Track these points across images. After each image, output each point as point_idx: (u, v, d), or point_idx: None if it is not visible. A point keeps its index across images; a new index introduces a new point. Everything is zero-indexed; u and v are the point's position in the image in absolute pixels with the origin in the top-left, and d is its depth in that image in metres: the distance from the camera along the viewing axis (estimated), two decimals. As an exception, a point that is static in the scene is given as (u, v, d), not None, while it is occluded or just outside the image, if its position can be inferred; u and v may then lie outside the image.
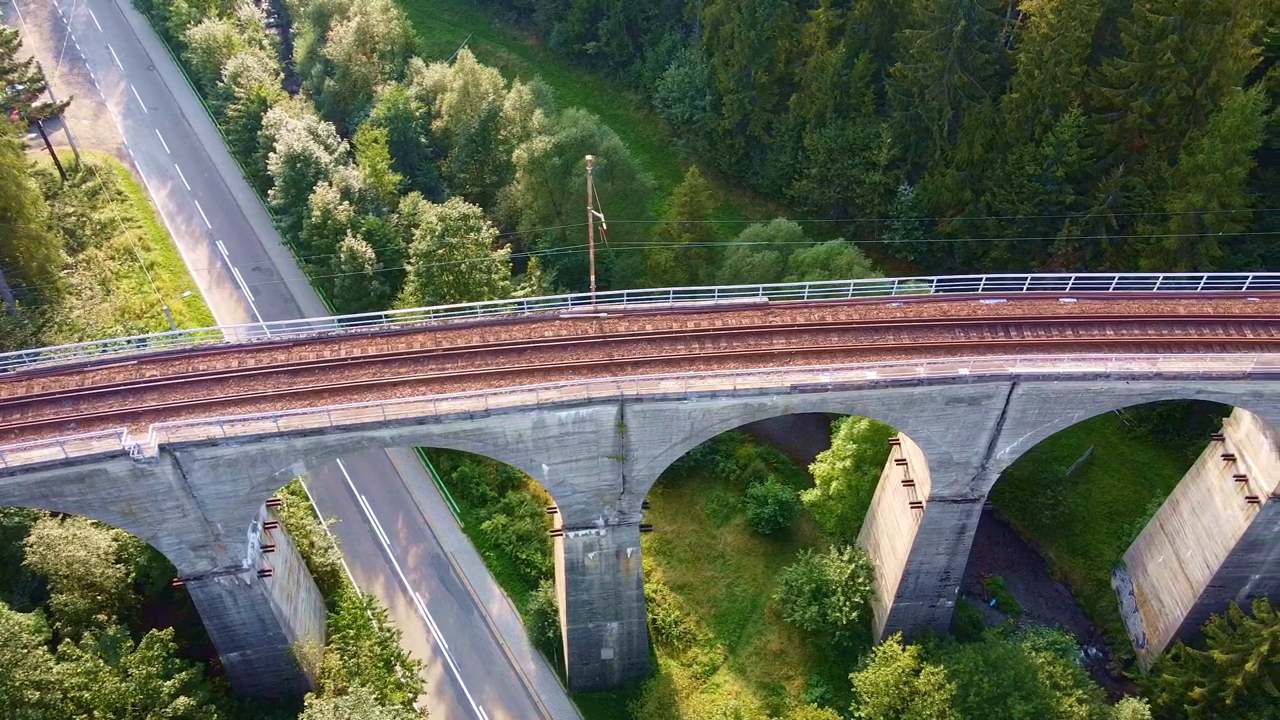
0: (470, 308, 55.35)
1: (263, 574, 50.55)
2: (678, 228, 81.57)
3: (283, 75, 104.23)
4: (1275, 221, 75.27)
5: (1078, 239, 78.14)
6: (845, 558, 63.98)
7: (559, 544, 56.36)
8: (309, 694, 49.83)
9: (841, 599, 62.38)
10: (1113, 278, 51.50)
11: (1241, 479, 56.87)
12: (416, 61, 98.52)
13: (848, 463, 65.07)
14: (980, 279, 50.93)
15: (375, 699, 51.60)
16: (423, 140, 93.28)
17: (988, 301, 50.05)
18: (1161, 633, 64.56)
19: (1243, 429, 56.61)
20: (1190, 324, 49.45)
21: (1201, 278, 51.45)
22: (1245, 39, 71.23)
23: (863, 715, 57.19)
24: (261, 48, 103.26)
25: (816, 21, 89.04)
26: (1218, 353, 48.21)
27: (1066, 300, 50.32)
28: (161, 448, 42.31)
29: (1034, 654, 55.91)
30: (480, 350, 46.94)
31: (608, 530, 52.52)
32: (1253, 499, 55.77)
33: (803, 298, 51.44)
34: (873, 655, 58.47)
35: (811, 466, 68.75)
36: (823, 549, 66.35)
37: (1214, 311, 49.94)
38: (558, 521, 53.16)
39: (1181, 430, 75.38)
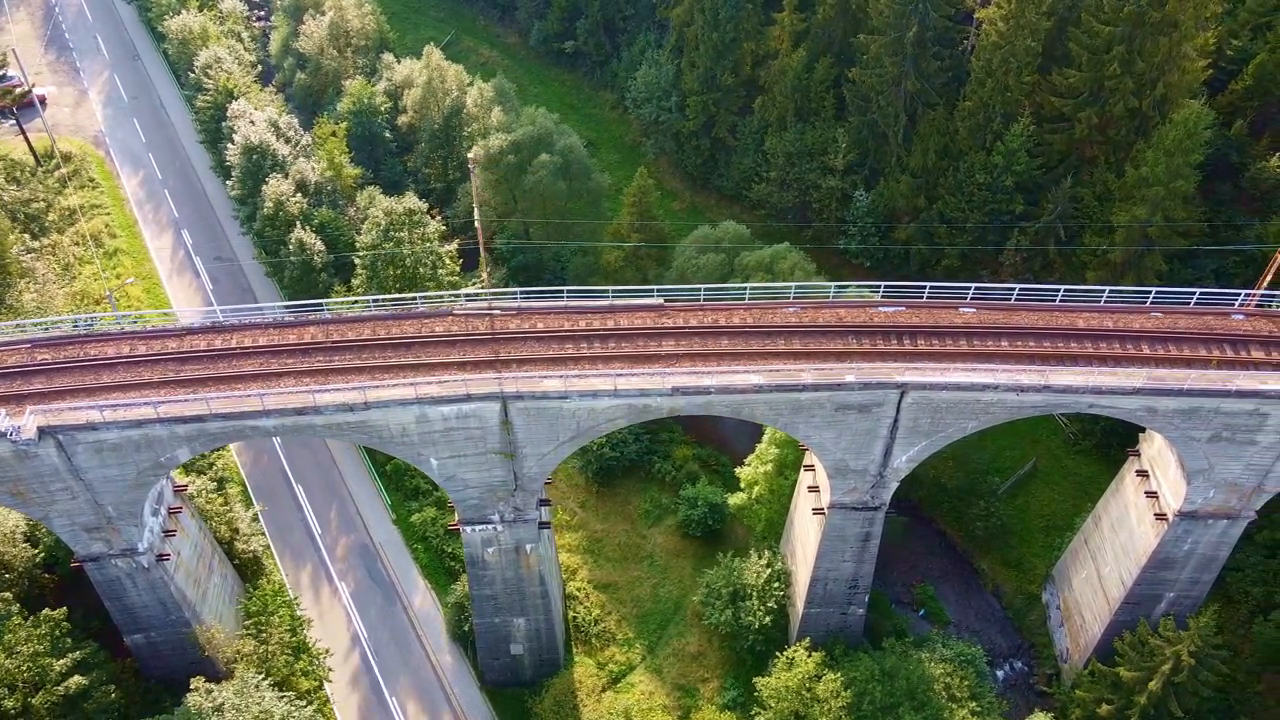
0: (379, 300, 55.80)
1: (161, 558, 51.30)
2: (627, 228, 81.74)
3: (260, 68, 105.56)
4: (1229, 236, 74.37)
5: (1026, 249, 77.56)
6: (763, 562, 63.93)
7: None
8: (196, 677, 50.49)
9: (756, 604, 62.36)
10: (1014, 288, 51.18)
11: (1153, 495, 56.40)
12: (388, 57, 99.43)
13: (769, 467, 65.07)
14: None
15: (272, 685, 52.32)
16: (387, 135, 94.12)
17: (885, 309, 49.89)
18: (1082, 648, 64.03)
19: (1155, 445, 56.10)
20: (1087, 337, 49.05)
21: (1104, 291, 51.03)
22: (1193, 51, 70.57)
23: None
24: (240, 40, 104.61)
25: (781, 25, 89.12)
26: (1112, 367, 47.79)
27: (965, 310, 50.05)
28: (42, 430, 43.13)
29: (933, 664, 55.62)
30: (369, 344, 47.47)
31: (505, 526, 52.88)
32: (1161, 516, 55.27)
33: (698, 299, 51.28)
34: (774, 661, 58.37)
35: (738, 470, 68.76)
36: (745, 553, 66.30)
37: (1113, 325, 49.50)
38: (457, 516, 53.60)
39: (1126, 445, 74.48)
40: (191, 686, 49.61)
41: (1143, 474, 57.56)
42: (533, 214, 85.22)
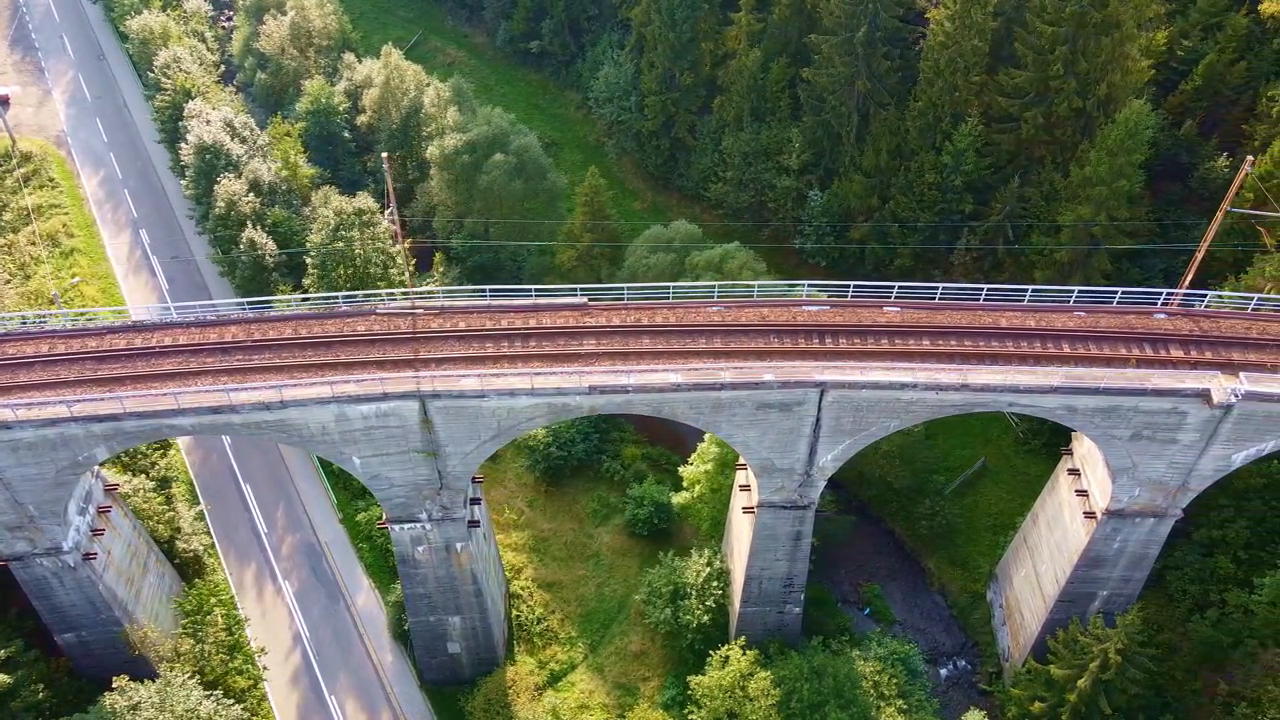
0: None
1: (88, 557, 51.36)
2: (580, 228, 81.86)
3: (224, 68, 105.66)
4: (1179, 236, 74.54)
5: (976, 248, 77.78)
6: (704, 561, 64.04)
7: (397, 537, 56.86)
8: (119, 676, 50.55)
9: (695, 603, 62.47)
10: (937, 288, 51.32)
11: (1083, 494, 56.59)
12: (349, 56, 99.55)
13: (710, 465, 65.24)
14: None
15: (203, 683, 52.40)
16: (346, 135, 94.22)
17: (808, 308, 50.01)
18: (1022, 646, 64.21)
19: (1085, 444, 56.26)
20: (1009, 336, 49.15)
21: (1027, 290, 51.17)
22: (1136, 52, 70.79)
23: (694, 718, 57.26)
24: (203, 40, 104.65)
25: (738, 25, 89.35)
26: (1032, 365, 47.92)
27: (889, 309, 50.16)
28: (-46, 429, 43.26)
29: (863, 662, 55.78)
30: (290, 343, 47.55)
31: (434, 525, 52.98)
32: (1090, 515, 55.44)
33: (622, 298, 51.36)
34: (709, 660, 58.50)
35: (682, 469, 68.89)
36: (688, 552, 66.36)
37: (1036, 324, 49.60)
38: (385, 514, 53.69)
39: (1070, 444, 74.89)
40: (113, 685, 49.64)
41: (1074, 472, 57.78)
42: (488, 213, 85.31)
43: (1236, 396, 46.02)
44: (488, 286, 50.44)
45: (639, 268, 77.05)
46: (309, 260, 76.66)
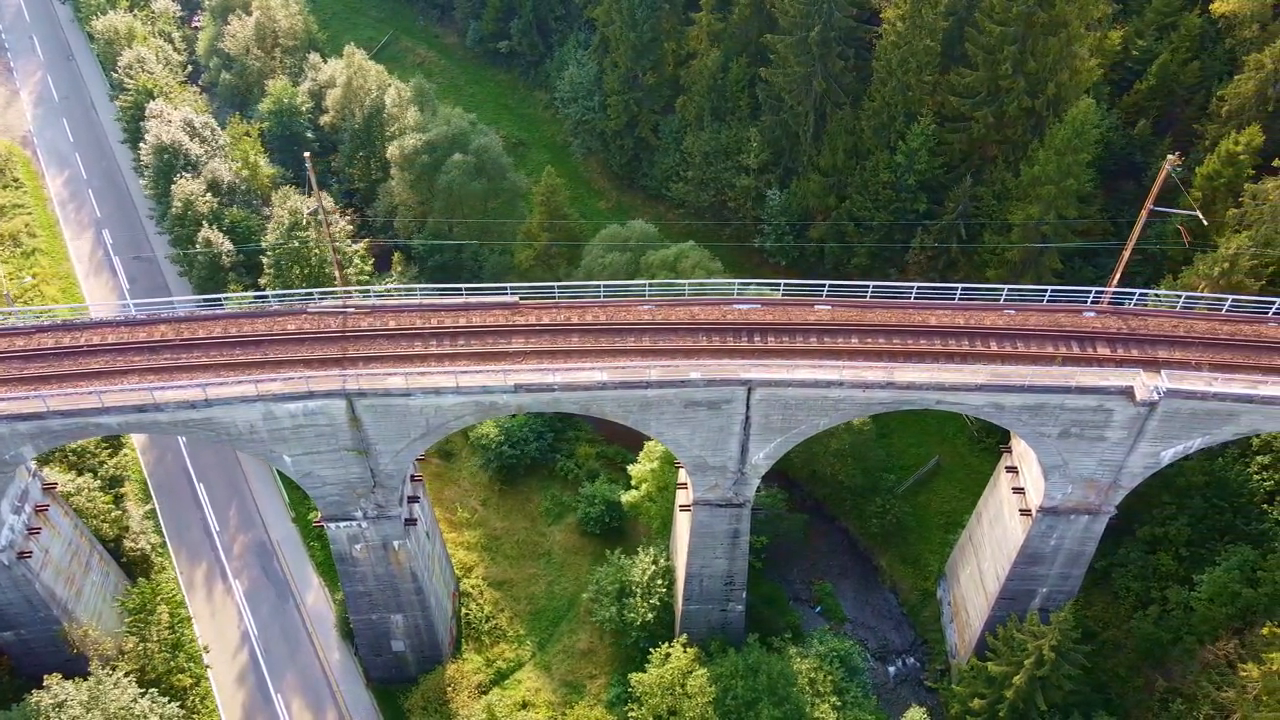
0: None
1: (22, 556, 51.50)
2: (538, 227, 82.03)
3: (191, 68, 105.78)
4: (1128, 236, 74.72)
5: (931, 247, 77.98)
6: (649, 559, 64.24)
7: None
8: (52, 675, 50.72)
9: (640, 601, 62.67)
10: (868, 286, 51.56)
11: (1020, 491, 56.85)
12: (314, 57, 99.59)
13: (656, 464, 65.40)
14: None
15: (140, 681, 52.53)
16: (309, 135, 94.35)
17: (739, 306, 50.22)
18: (967, 643, 64.45)
19: (1022, 442, 56.41)
20: (938, 334, 49.37)
21: (957, 289, 51.43)
22: (1085, 51, 71.06)
23: (633, 716, 57.48)
24: (170, 41, 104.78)
25: (699, 25, 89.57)
26: (959, 363, 48.14)
27: (820, 307, 50.37)
28: (-122, 427, 43.43)
29: (800, 660, 55.99)
30: (219, 342, 47.72)
31: (369, 523, 53.16)
32: (1026, 512, 55.71)
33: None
34: (650, 658, 58.70)
35: (630, 467, 69.11)
36: (635, 550, 66.58)
37: (965, 322, 49.83)
38: (320, 512, 53.86)
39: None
40: (44, 684, 49.79)
41: (1012, 470, 58.07)
42: (448, 213, 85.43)
43: (1159, 394, 46.25)
44: (418, 286, 50.53)
45: (595, 267, 77.17)
46: (265, 260, 76.84)
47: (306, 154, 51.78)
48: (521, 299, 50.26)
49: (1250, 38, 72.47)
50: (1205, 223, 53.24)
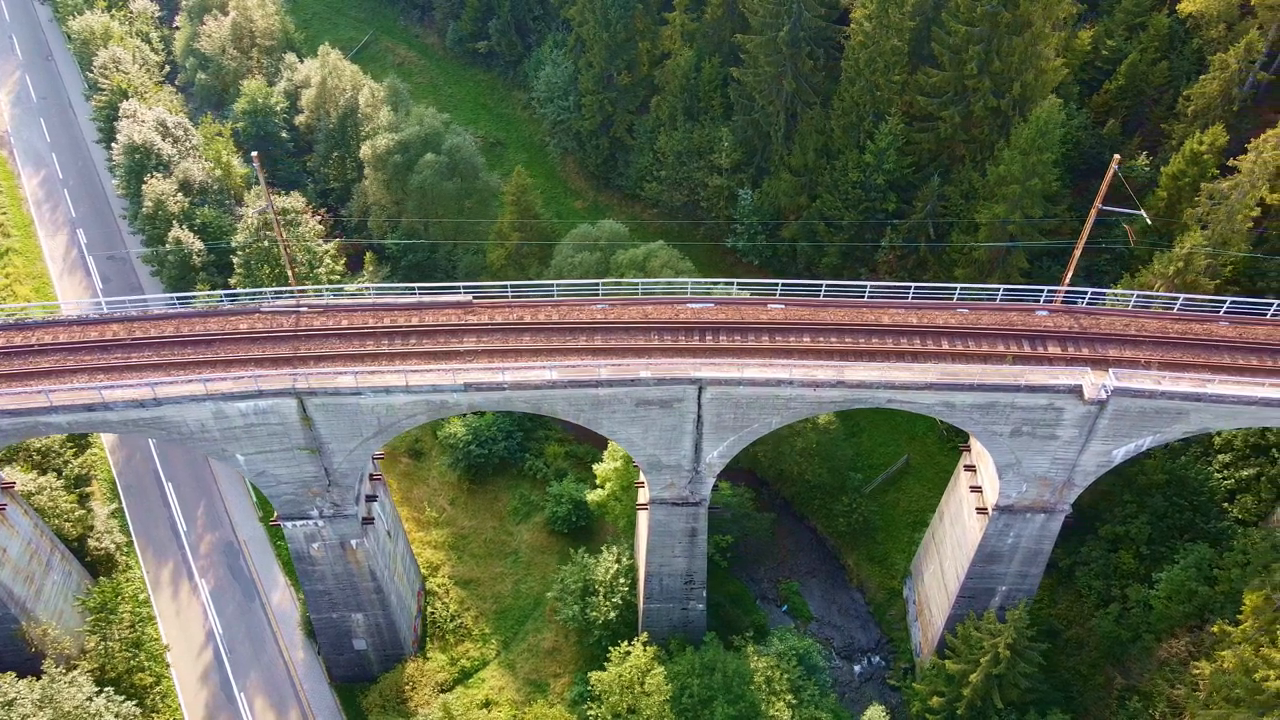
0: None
1: (-23, 554, 51.69)
2: (509, 227, 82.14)
3: (168, 69, 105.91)
4: (1102, 234, 74.88)
5: (900, 246, 78.13)
6: (613, 558, 64.36)
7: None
8: (5, 674, 50.78)
9: (603, 599, 62.79)
10: (820, 284, 51.69)
11: (977, 490, 56.98)
12: (290, 57, 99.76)
13: (619, 463, 65.51)
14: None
15: (99, 680, 52.60)
16: (284, 135, 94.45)
17: (692, 305, 50.33)
18: (931, 642, 64.59)
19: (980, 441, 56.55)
20: (890, 333, 49.46)
21: (910, 287, 51.56)
22: (1050, 51, 71.19)
23: (592, 715, 57.60)
24: (147, 41, 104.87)
25: (672, 24, 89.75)
26: (909, 362, 48.25)
27: (774, 306, 50.48)
28: None
29: (757, 658, 56.10)
30: (171, 341, 47.81)
31: (326, 522, 53.26)
32: (982, 510, 55.85)
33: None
34: (609, 656, 58.82)
35: (595, 466, 69.21)
36: (599, 550, 66.70)
37: (917, 321, 49.93)
38: (276, 511, 53.94)
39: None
40: (-3, 682, 49.97)
41: (970, 469, 58.20)
42: (421, 213, 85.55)
43: (1107, 392, 46.38)
44: (371, 285, 50.61)
45: (565, 266, 77.28)
46: (235, 259, 76.95)
47: (254, 154, 51.66)
48: (475, 298, 50.36)
49: (1217, 37, 72.62)
50: (1150, 222, 53.39)
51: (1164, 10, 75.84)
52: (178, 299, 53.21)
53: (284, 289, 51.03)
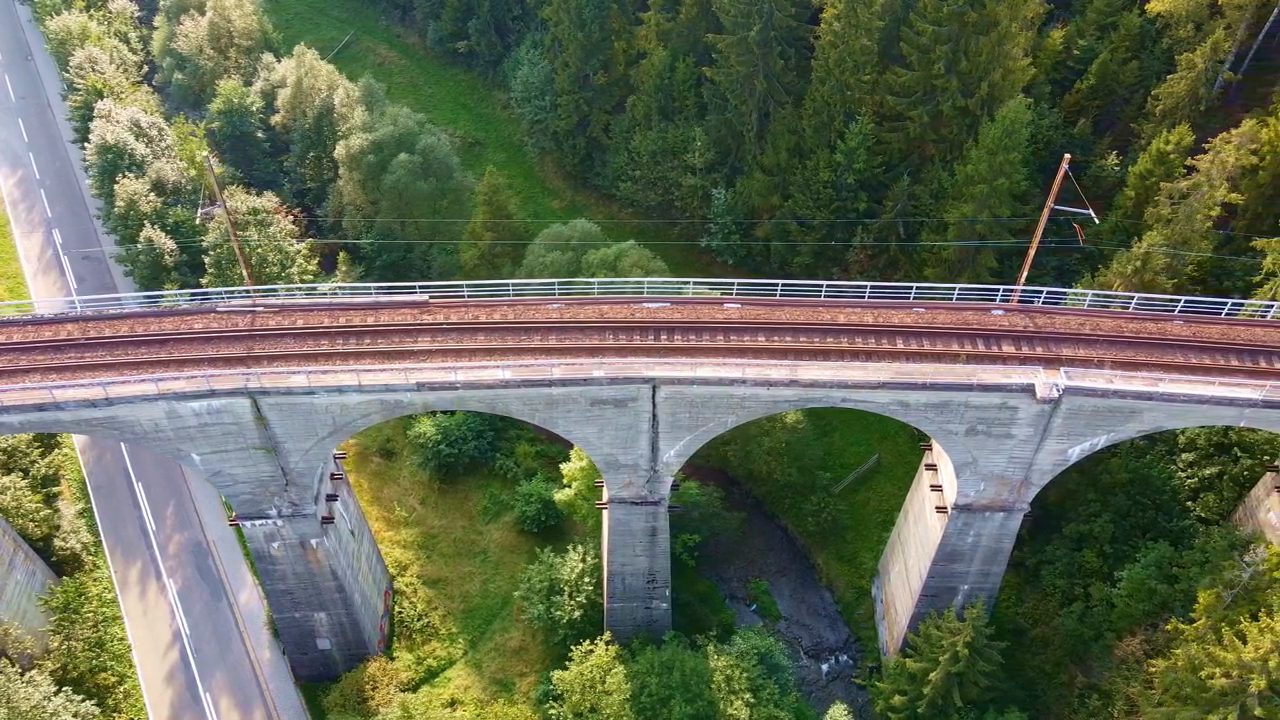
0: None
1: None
2: (481, 227, 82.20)
3: (146, 69, 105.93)
4: (1072, 234, 74.94)
5: (871, 245, 78.23)
6: (578, 557, 64.45)
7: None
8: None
9: (567, 599, 62.88)
10: (777, 284, 51.77)
11: (938, 489, 57.09)
12: (267, 57, 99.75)
13: (585, 461, 65.57)
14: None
15: (58, 680, 52.65)
16: (260, 135, 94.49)
17: (649, 304, 50.38)
18: (896, 640, 64.70)
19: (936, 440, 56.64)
20: (844, 333, 49.51)
21: (866, 287, 51.66)
22: (1018, 51, 71.29)
23: (554, 714, 57.70)
24: (125, 40, 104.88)
25: (648, 24, 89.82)
26: (864, 361, 48.32)
27: (730, 306, 50.55)
28: None
29: (717, 657, 56.19)
30: (125, 340, 47.84)
31: (285, 521, 53.33)
32: (942, 509, 55.94)
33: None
34: (571, 655, 58.92)
35: (562, 465, 69.28)
36: (567, 549, 66.79)
37: (873, 321, 49.97)
38: (234, 511, 54.01)
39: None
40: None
41: (931, 467, 58.31)
42: (395, 213, 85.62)
43: (1058, 391, 46.47)
44: (329, 284, 50.66)
45: (536, 266, 77.35)
46: (206, 259, 76.96)
47: (204, 154, 51.77)
48: (432, 298, 50.39)
49: (1185, 37, 72.74)
50: (1097, 221, 53.60)
51: (1135, 10, 75.91)
52: (144, 298, 53.24)
53: (238, 289, 51.03)
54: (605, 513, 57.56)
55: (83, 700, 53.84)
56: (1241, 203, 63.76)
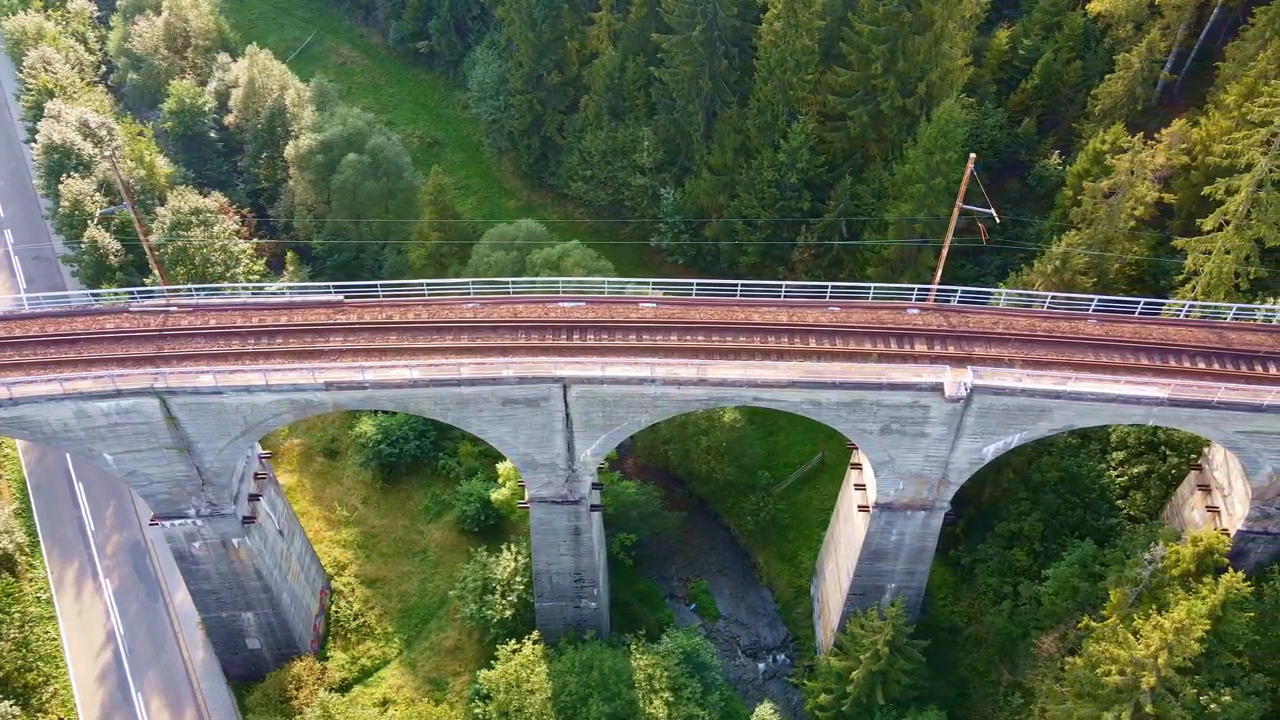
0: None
1: None
2: (428, 227, 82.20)
3: (104, 69, 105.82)
4: (1017, 232, 75.12)
5: (814, 245, 78.29)
6: (511, 556, 64.48)
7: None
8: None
9: (499, 598, 62.92)
10: (692, 284, 51.84)
11: (861, 487, 57.17)
12: (222, 57, 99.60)
13: (518, 462, 65.53)
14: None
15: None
16: (213, 135, 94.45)
17: (564, 304, 50.41)
18: (829, 639, 64.76)
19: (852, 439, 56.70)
20: (758, 332, 49.52)
21: (782, 286, 51.70)
22: (955, 51, 71.41)
23: (479, 713, 57.73)
24: (83, 40, 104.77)
25: (599, 24, 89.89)
26: (775, 360, 48.37)
27: (645, 305, 50.58)
28: None
29: (639, 656, 56.24)
30: (34, 340, 47.83)
31: (204, 521, 53.33)
32: (864, 508, 56.05)
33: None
34: (498, 654, 58.96)
35: (499, 465, 69.32)
36: (499, 549, 66.81)
37: (788, 320, 50.01)
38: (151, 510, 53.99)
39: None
40: None
41: (856, 466, 58.39)
42: (345, 213, 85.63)
43: (966, 389, 46.55)
44: (242, 284, 50.69)
45: (481, 265, 77.36)
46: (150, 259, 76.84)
47: (110, 152, 51.68)
48: (346, 298, 50.39)
49: (1125, 37, 72.95)
50: (998, 220, 53.76)
51: (1079, 10, 76.10)
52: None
53: (152, 289, 51.05)
54: (527, 509, 57.54)
55: (2, 700, 53.77)
56: (1176, 202, 64.00)
